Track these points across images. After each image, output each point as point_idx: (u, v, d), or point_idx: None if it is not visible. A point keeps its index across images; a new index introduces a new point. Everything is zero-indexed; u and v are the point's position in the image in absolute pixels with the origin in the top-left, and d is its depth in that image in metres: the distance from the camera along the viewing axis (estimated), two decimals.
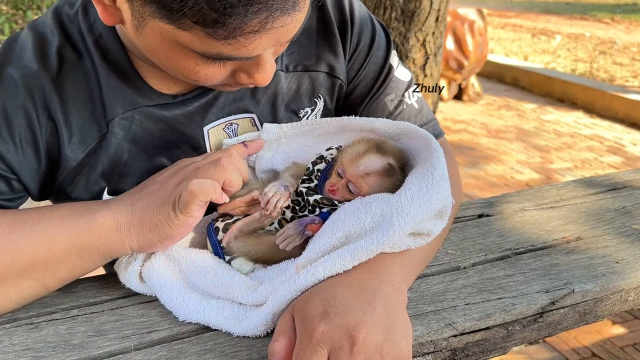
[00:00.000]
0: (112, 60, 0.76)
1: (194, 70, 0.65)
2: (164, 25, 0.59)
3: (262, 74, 0.68)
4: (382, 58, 0.91)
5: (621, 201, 1.04)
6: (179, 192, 0.68)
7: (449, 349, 0.68)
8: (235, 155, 0.74)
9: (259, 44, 0.60)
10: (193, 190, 0.66)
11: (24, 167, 0.74)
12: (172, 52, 0.63)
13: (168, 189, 0.70)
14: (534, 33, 9.96)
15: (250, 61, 0.66)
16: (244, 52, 0.61)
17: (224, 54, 0.61)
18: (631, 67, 7.29)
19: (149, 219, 0.69)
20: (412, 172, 0.72)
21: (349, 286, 0.62)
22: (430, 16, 2.52)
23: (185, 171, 0.72)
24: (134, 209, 0.70)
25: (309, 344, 0.56)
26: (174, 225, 0.68)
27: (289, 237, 0.69)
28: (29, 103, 0.73)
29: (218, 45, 0.59)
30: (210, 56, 0.62)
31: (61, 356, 0.62)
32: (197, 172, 0.70)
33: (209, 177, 0.69)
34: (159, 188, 0.72)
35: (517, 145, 4.51)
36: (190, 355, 0.63)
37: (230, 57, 0.62)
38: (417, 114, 0.93)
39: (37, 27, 0.77)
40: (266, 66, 0.68)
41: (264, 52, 0.65)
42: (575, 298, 0.75)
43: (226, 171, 0.69)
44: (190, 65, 0.65)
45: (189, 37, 0.59)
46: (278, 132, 0.82)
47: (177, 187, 0.69)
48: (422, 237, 0.70)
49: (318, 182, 0.75)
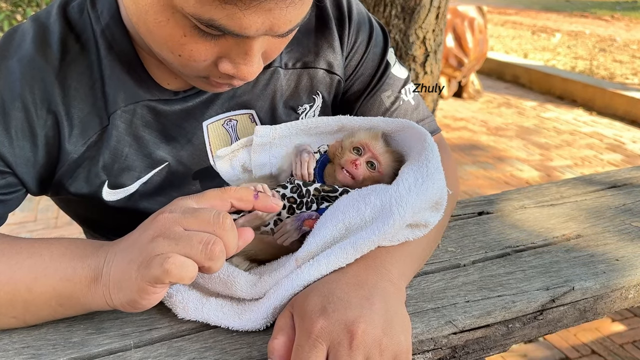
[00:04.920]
0: (118, 51, 0.75)
1: (180, 41, 0.62)
2: None
3: (247, 65, 0.65)
4: (379, 55, 0.92)
5: (621, 199, 1.04)
6: (151, 256, 0.56)
7: (449, 346, 0.68)
8: (231, 238, 0.59)
9: (255, 20, 0.57)
10: (170, 270, 0.54)
11: (20, 160, 0.73)
12: (162, 14, 0.60)
13: (142, 243, 0.58)
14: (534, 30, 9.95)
15: (239, 47, 0.63)
16: (236, 24, 0.58)
17: (216, 20, 0.57)
18: (631, 65, 7.29)
19: (116, 277, 0.59)
20: (405, 164, 0.73)
21: (347, 282, 0.62)
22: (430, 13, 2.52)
23: (171, 231, 0.57)
24: (110, 261, 0.61)
25: (308, 340, 0.56)
26: (136, 291, 0.57)
27: (286, 232, 0.69)
28: (27, 95, 0.72)
29: (213, 8, 0.56)
30: (202, 21, 0.58)
31: (61, 354, 0.62)
32: (182, 241, 0.56)
33: (193, 255, 0.56)
34: (136, 238, 0.60)
35: (517, 142, 4.50)
36: (190, 352, 0.63)
37: (222, 27, 0.58)
38: (413, 110, 0.93)
39: (39, 18, 0.76)
40: (254, 59, 0.64)
41: (254, 42, 0.62)
42: (576, 295, 0.75)
43: (212, 260, 0.57)
44: (178, 34, 0.61)
45: None
46: (272, 134, 0.81)
47: (151, 243, 0.57)
48: (420, 228, 0.71)
49: (315, 172, 0.75)
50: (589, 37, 9.38)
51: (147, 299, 0.57)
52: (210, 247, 0.56)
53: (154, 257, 0.55)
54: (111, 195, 0.80)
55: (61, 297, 0.63)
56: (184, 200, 0.62)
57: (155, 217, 0.60)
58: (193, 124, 0.81)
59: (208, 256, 0.56)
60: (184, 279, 0.55)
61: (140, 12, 0.63)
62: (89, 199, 0.80)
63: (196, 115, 0.81)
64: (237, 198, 0.62)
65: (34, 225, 2.99)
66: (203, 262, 0.56)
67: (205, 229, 0.57)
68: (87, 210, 0.87)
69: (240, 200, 0.62)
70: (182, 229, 0.57)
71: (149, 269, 0.55)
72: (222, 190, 0.63)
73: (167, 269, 0.54)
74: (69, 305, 0.64)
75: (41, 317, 0.66)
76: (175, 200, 0.63)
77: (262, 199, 0.62)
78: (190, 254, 0.56)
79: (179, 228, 0.57)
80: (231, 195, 0.62)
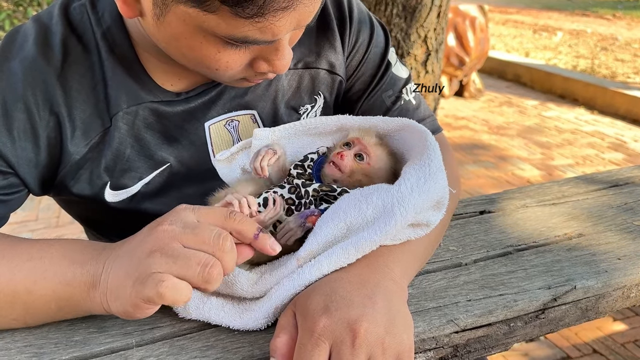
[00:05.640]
0: (119, 54, 0.75)
1: (215, 57, 0.64)
2: (189, 10, 0.58)
3: (281, 60, 0.67)
4: (380, 55, 0.91)
5: (623, 197, 1.04)
6: (147, 272, 0.55)
7: (450, 345, 0.68)
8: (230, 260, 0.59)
9: (284, 23, 0.59)
10: (163, 294, 0.54)
11: (22, 161, 0.74)
12: (194, 40, 0.62)
13: (139, 257, 0.57)
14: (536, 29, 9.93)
15: (270, 47, 0.65)
16: (268, 33, 0.59)
17: (249, 37, 0.59)
18: (633, 64, 7.27)
19: (113, 286, 0.59)
20: (407, 164, 0.72)
21: (349, 281, 0.62)
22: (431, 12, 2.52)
23: (169, 248, 0.56)
24: (108, 269, 0.61)
25: (311, 339, 0.56)
26: (130, 305, 0.57)
27: (290, 230, 0.69)
28: (29, 96, 0.72)
29: (245, 26, 0.58)
30: (235, 40, 0.60)
31: (63, 352, 0.62)
32: (180, 261, 0.56)
33: (190, 276, 0.56)
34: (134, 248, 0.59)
35: (518, 141, 4.50)
36: (191, 351, 0.63)
37: (256, 40, 0.60)
38: (414, 110, 0.93)
39: (41, 19, 0.76)
40: (284, 52, 0.67)
41: (283, 39, 0.65)
42: (577, 294, 0.75)
43: (209, 283, 0.57)
44: (212, 53, 0.63)
45: (214, 20, 0.58)
46: (271, 137, 0.81)
47: (148, 259, 0.56)
48: (422, 227, 0.71)
49: (312, 172, 0.75)
50: (590, 36, 9.37)
51: (141, 313, 0.57)
52: (208, 270, 0.56)
53: (150, 275, 0.55)
54: (113, 197, 0.80)
55: (61, 300, 0.63)
56: (185, 211, 0.61)
57: (154, 227, 0.59)
58: (195, 124, 0.81)
59: (205, 279, 0.56)
60: (178, 302, 0.55)
61: (169, 39, 0.64)
62: (91, 200, 0.80)
63: (198, 116, 0.81)
64: (238, 230, 0.60)
65: (35, 224, 2.99)
66: (199, 284, 0.56)
67: (204, 249, 0.57)
68: (89, 211, 0.87)
69: (240, 234, 0.60)
70: (180, 246, 0.57)
71: (143, 288, 0.55)
72: (226, 215, 0.61)
73: (160, 292, 0.54)
74: (68, 309, 0.64)
75: (41, 319, 0.66)
76: (178, 208, 0.61)
77: (261, 240, 0.61)
78: (187, 275, 0.55)
79: (177, 245, 0.57)
80: (233, 226, 0.60)
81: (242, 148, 0.82)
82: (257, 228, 0.61)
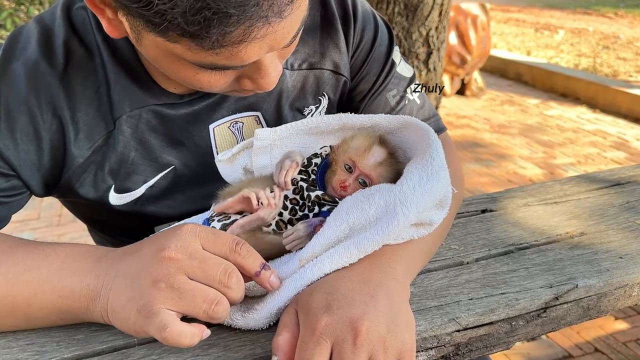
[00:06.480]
0: (121, 58, 0.75)
1: (195, 78, 0.64)
2: (156, 38, 0.57)
3: (265, 79, 0.65)
4: (384, 54, 0.91)
5: (625, 196, 1.04)
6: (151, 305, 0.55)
7: (452, 343, 0.68)
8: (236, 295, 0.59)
9: (250, 52, 0.58)
10: (167, 339, 0.54)
11: (25, 164, 0.74)
12: (171, 63, 0.62)
13: (143, 284, 0.56)
14: (537, 28, 9.92)
15: (252, 67, 0.64)
16: (236, 60, 0.58)
17: (217, 63, 0.59)
18: (635, 62, 7.26)
19: (114, 307, 0.58)
20: (410, 162, 0.72)
21: (351, 280, 0.62)
22: (433, 10, 2.51)
23: (175, 280, 0.56)
24: (108, 285, 0.60)
25: (312, 337, 0.56)
26: (132, 331, 0.57)
27: (298, 238, 0.69)
28: (32, 99, 0.72)
29: (208, 56, 0.57)
30: (205, 66, 0.60)
31: (65, 351, 0.62)
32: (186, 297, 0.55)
33: (195, 313, 0.56)
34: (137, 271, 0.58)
35: (520, 140, 4.49)
36: (194, 349, 0.63)
37: (225, 66, 0.60)
38: (419, 109, 0.92)
39: (43, 20, 0.76)
40: (268, 70, 0.64)
41: (262, 58, 0.62)
42: (579, 293, 0.75)
43: (214, 319, 0.57)
44: (191, 74, 0.63)
45: (180, 48, 0.57)
46: (272, 137, 0.80)
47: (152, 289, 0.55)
48: (425, 226, 0.70)
49: (316, 177, 0.75)
50: (592, 34, 9.35)
51: (142, 337, 0.58)
52: (213, 307, 0.56)
53: (154, 312, 0.54)
54: (118, 200, 0.80)
55: (61, 312, 0.63)
56: (190, 236, 0.59)
57: (159, 253, 0.57)
58: (199, 127, 0.81)
59: (210, 316, 0.56)
60: (182, 345, 0.54)
61: (152, 59, 0.65)
62: (96, 203, 0.80)
63: (202, 119, 0.81)
64: (241, 265, 0.60)
65: (37, 223, 2.99)
66: (205, 320, 0.56)
67: (210, 284, 0.57)
68: (94, 212, 0.87)
69: (243, 269, 0.60)
70: (186, 279, 0.56)
71: (147, 324, 0.54)
72: (231, 248, 0.60)
73: (164, 337, 0.54)
74: (69, 319, 0.64)
75: (42, 326, 0.66)
76: (181, 231, 0.59)
77: (263, 277, 0.61)
78: (193, 312, 0.56)
79: (183, 277, 0.56)
80: (237, 261, 0.60)
81: (244, 148, 0.82)
82: (260, 264, 0.61)
